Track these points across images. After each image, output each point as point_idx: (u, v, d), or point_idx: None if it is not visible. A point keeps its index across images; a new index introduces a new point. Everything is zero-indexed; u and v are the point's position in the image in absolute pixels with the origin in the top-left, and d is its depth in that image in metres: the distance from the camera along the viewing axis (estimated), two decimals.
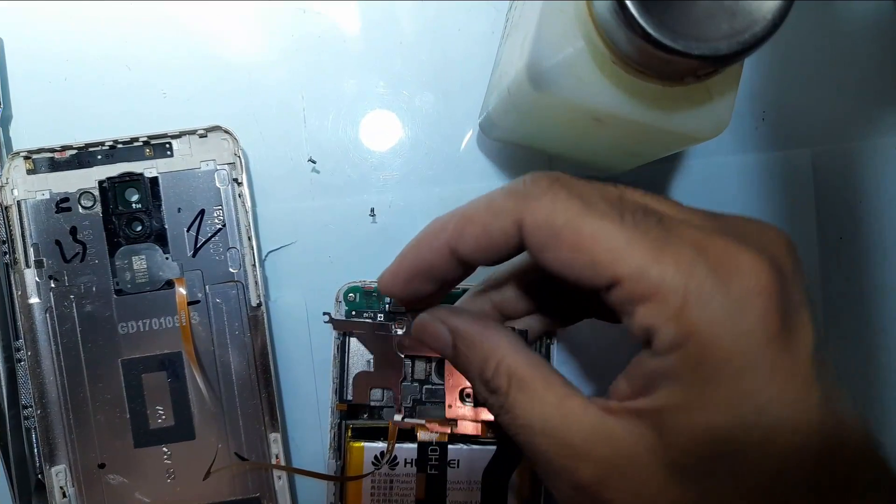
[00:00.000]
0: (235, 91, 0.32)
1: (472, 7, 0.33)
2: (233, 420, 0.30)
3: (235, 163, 0.30)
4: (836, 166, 0.34)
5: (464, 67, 0.33)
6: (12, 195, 0.29)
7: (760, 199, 0.34)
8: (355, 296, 0.30)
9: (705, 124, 0.23)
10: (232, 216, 0.30)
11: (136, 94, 0.32)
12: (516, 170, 0.33)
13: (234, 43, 0.32)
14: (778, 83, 0.34)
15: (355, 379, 0.30)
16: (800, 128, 0.34)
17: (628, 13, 0.19)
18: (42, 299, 0.29)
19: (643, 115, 0.22)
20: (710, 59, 0.19)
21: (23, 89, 0.31)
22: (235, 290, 0.30)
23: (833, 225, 0.34)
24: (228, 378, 0.30)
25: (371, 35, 0.33)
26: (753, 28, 0.19)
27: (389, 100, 0.33)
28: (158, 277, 0.30)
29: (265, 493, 0.30)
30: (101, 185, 0.30)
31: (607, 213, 0.20)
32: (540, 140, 0.31)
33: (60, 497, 0.29)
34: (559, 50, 0.22)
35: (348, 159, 0.33)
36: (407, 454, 0.30)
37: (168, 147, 0.30)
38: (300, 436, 0.32)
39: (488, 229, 0.22)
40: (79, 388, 0.29)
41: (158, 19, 0.32)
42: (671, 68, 0.21)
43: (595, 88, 0.22)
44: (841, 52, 0.34)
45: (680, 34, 0.19)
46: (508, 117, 0.28)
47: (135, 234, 0.30)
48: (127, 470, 0.30)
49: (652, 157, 0.28)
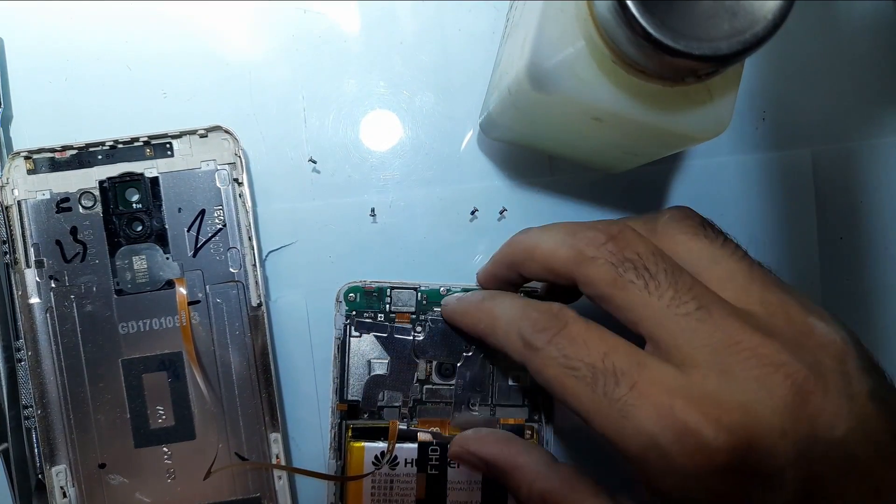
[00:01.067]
0: (236, 91, 0.32)
1: (473, 7, 0.33)
2: (233, 420, 0.30)
3: (236, 163, 0.30)
4: (837, 166, 0.34)
5: (464, 67, 0.33)
6: (13, 195, 0.29)
7: (760, 199, 0.33)
8: (356, 296, 0.30)
9: (705, 124, 0.23)
10: (232, 216, 0.30)
11: (136, 93, 0.32)
12: (516, 170, 0.33)
13: (234, 43, 0.32)
14: (778, 83, 0.34)
15: (367, 383, 0.30)
16: (800, 128, 0.34)
17: (629, 13, 0.19)
18: (42, 299, 0.29)
19: (643, 115, 0.22)
20: (710, 59, 0.19)
21: (23, 89, 0.31)
22: (236, 290, 0.30)
23: (833, 225, 0.34)
24: (229, 378, 0.30)
25: (371, 35, 0.33)
26: (754, 28, 0.19)
27: (390, 100, 0.33)
28: (159, 277, 0.30)
29: (265, 493, 0.30)
30: (101, 185, 0.30)
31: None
32: (540, 140, 0.30)
33: (61, 497, 0.29)
34: (559, 49, 0.22)
35: (349, 159, 0.32)
36: (407, 454, 0.30)
37: (168, 147, 0.30)
38: (300, 436, 0.32)
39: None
40: (79, 388, 0.29)
41: (159, 19, 0.32)
42: (672, 68, 0.20)
43: (595, 88, 0.22)
44: (841, 52, 0.34)
45: (681, 34, 0.19)
46: (508, 117, 0.27)
47: (135, 234, 0.30)
48: (127, 470, 0.29)
49: (652, 157, 0.28)
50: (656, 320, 0.22)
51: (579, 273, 0.23)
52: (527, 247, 0.25)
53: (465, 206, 0.32)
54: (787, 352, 0.21)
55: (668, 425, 0.20)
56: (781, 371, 0.20)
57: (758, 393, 0.20)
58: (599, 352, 0.22)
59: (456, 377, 0.30)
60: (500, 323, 0.25)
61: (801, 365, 0.20)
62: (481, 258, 0.32)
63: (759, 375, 0.20)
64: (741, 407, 0.20)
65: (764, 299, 0.22)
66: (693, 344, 0.21)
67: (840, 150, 0.34)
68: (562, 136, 0.29)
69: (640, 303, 0.22)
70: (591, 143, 0.28)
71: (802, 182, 0.33)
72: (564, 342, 0.22)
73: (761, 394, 0.20)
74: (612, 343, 0.22)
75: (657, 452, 0.20)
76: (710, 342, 0.21)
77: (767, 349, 0.21)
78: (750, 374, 0.20)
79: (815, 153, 0.34)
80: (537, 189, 0.33)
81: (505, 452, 0.27)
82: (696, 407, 0.20)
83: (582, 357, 0.22)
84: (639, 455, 0.21)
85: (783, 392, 0.20)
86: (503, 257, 0.27)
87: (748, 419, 0.20)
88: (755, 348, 0.21)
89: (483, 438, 0.29)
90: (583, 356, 0.22)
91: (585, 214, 0.33)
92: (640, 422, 0.20)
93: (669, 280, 0.22)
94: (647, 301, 0.22)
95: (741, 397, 0.20)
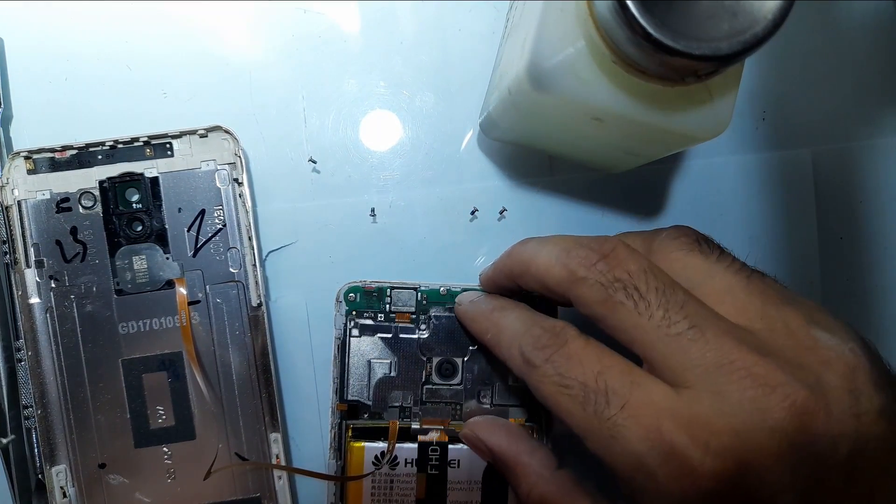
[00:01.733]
0: (236, 91, 0.32)
1: (473, 7, 0.32)
2: (233, 420, 0.30)
3: (236, 163, 0.30)
4: (837, 166, 0.34)
5: (464, 67, 0.32)
6: (13, 195, 0.29)
7: (761, 199, 0.33)
8: (356, 296, 0.30)
9: (706, 124, 0.22)
10: (232, 216, 0.30)
11: (136, 93, 0.31)
12: (516, 170, 0.32)
13: (234, 43, 0.32)
14: (778, 83, 0.34)
15: (376, 386, 0.30)
16: (800, 128, 0.34)
17: (629, 13, 0.19)
18: (42, 299, 0.29)
19: (643, 115, 0.22)
20: (710, 59, 0.19)
21: (23, 89, 0.31)
22: (236, 290, 0.30)
23: (833, 225, 0.34)
24: (229, 378, 0.30)
25: (371, 35, 0.32)
26: (754, 28, 0.19)
27: (390, 100, 0.32)
28: (159, 277, 0.29)
29: (265, 493, 0.30)
30: (101, 184, 0.29)
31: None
32: (540, 140, 0.30)
33: (61, 497, 0.29)
34: (560, 50, 0.22)
35: (349, 159, 0.32)
36: (407, 454, 0.29)
37: (168, 147, 0.30)
38: (301, 436, 0.31)
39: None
40: (79, 388, 0.29)
41: (159, 19, 0.32)
42: (672, 68, 0.20)
43: (595, 88, 0.22)
44: (841, 52, 0.34)
45: (681, 34, 0.19)
46: (509, 117, 0.27)
47: (135, 234, 0.30)
48: (127, 470, 0.29)
49: (652, 157, 0.28)
50: (648, 341, 0.21)
51: (572, 293, 0.23)
52: (523, 260, 0.25)
53: (465, 205, 0.32)
54: (784, 371, 0.20)
55: (655, 447, 0.20)
56: (778, 392, 0.19)
57: (752, 415, 0.19)
58: (593, 371, 0.21)
59: (463, 372, 0.30)
60: (505, 337, 0.25)
61: (800, 385, 0.20)
62: (483, 259, 0.32)
63: (754, 396, 0.19)
64: (732, 430, 0.19)
65: (764, 314, 0.22)
66: (685, 364, 0.20)
67: (840, 150, 0.34)
68: (562, 136, 0.29)
69: (632, 323, 0.21)
70: (592, 143, 0.28)
71: (803, 182, 0.33)
72: (561, 360, 0.22)
73: (755, 416, 0.19)
74: (607, 362, 0.22)
75: (644, 474, 0.20)
76: (703, 362, 0.20)
77: (762, 368, 0.20)
78: (744, 396, 0.20)
79: (816, 153, 0.33)
80: (537, 189, 0.33)
81: (512, 449, 0.27)
82: (685, 429, 0.20)
83: (576, 375, 0.21)
84: (627, 476, 0.20)
85: (779, 414, 0.19)
86: (503, 267, 0.27)
87: (739, 443, 0.19)
88: (749, 368, 0.20)
89: (493, 428, 0.28)
90: (577, 374, 0.21)
91: (585, 214, 0.33)
92: (629, 442, 0.20)
93: (660, 299, 0.21)
94: (637, 321, 0.21)
95: (733, 420, 0.19)
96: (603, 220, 0.33)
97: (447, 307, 0.30)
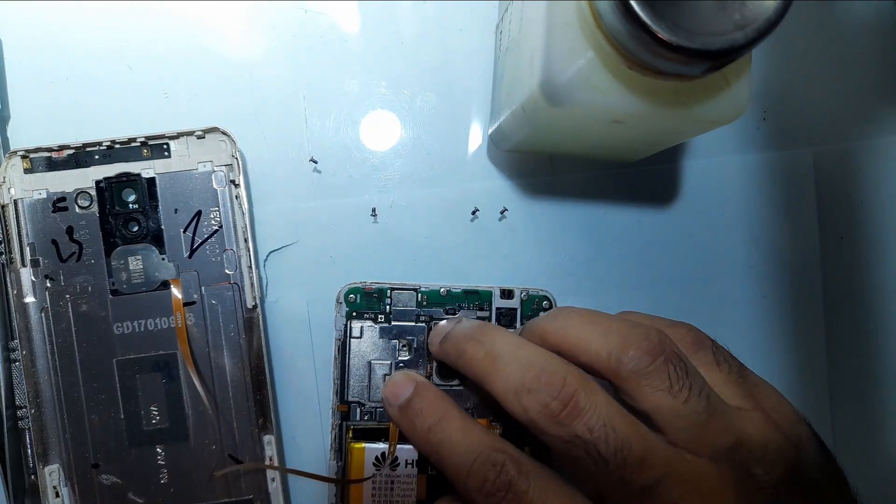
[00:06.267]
0: (237, 91, 0.30)
1: (473, 7, 0.31)
2: (227, 421, 0.28)
3: (233, 164, 0.28)
4: (837, 166, 0.32)
5: (464, 67, 0.31)
6: (9, 194, 0.27)
7: (761, 199, 0.32)
8: (356, 297, 0.28)
9: (726, 109, 0.21)
10: (229, 218, 0.28)
11: (136, 93, 0.29)
12: (517, 170, 0.31)
13: (235, 43, 0.30)
14: (779, 83, 0.32)
15: (378, 387, 0.28)
16: (801, 128, 0.32)
17: (640, 21, 0.17)
18: (38, 299, 0.27)
19: (663, 112, 0.21)
20: (729, 52, 0.18)
21: (23, 89, 0.29)
22: (231, 292, 0.28)
23: (833, 225, 0.32)
24: (223, 380, 0.28)
25: (372, 35, 0.30)
26: (766, 12, 0.18)
27: (391, 100, 0.31)
28: (154, 278, 0.28)
29: (258, 495, 0.28)
30: (98, 185, 0.27)
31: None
32: (557, 146, 0.29)
33: (53, 497, 0.27)
34: (571, 63, 0.20)
35: (350, 159, 0.30)
36: (408, 455, 0.28)
37: (165, 148, 0.28)
38: (301, 437, 0.30)
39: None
40: (73, 387, 0.27)
41: (159, 19, 0.30)
42: (688, 66, 0.19)
43: (612, 95, 0.21)
44: (841, 52, 0.32)
45: (695, 33, 0.18)
46: (524, 132, 0.26)
47: (131, 235, 0.27)
48: (120, 470, 0.27)
49: (672, 144, 0.27)
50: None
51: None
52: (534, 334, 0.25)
53: (466, 206, 0.30)
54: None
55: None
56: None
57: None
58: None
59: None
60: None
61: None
62: (484, 261, 0.30)
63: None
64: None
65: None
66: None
67: (841, 150, 0.32)
68: (580, 140, 0.27)
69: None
70: (611, 141, 0.27)
71: (803, 182, 0.32)
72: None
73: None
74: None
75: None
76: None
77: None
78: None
79: (816, 153, 0.32)
80: (538, 189, 0.31)
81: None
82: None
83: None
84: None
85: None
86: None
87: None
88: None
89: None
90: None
91: (586, 214, 0.31)
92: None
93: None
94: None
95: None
96: (603, 221, 0.31)
97: (447, 308, 0.28)
